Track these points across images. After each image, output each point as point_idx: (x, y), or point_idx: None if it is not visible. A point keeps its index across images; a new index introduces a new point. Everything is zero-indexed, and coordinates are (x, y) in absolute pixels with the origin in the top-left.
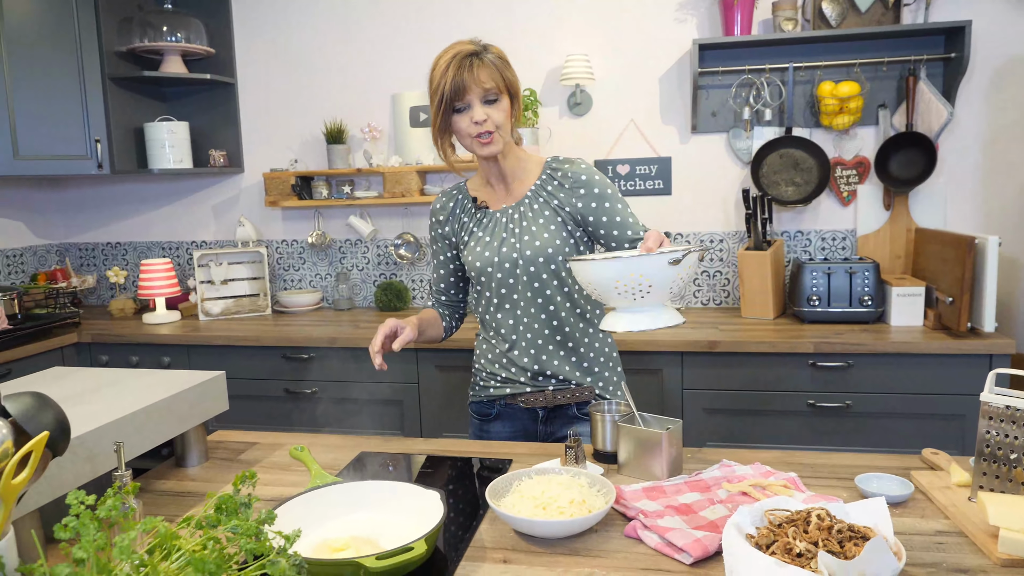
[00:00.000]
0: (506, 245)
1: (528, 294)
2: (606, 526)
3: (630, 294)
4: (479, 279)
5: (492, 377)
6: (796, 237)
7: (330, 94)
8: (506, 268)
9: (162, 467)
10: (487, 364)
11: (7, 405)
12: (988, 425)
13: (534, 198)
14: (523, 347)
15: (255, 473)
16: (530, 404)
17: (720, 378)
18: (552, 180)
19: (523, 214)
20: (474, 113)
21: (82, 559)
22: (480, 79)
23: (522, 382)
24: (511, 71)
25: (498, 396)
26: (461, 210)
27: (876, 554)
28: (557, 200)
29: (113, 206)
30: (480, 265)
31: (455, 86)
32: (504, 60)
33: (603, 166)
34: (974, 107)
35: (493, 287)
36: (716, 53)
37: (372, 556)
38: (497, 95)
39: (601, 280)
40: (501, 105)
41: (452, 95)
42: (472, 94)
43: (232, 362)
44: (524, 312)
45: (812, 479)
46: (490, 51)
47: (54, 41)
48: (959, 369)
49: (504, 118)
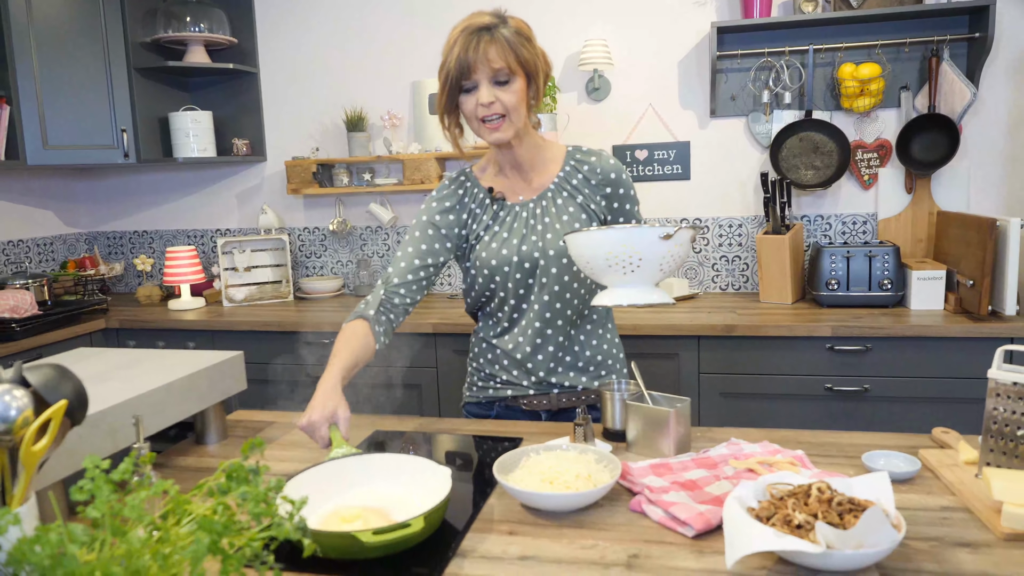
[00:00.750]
0: (527, 243)
1: (545, 297)
2: (612, 501)
3: (620, 268)
4: (492, 278)
5: (492, 378)
6: (816, 221)
7: (350, 82)
8: (526, 268)
9: (182, 444)
10: (487, 364)
11: (28, 376)
12: (996, 402)
13: (558, 192)
14: (528, 351)
15: (262, 441)
16: (532, 407)
17: (737, 362)
18: (577, 173)
19: (546, 209)
20: (481, 94)
21: (96, 519)
22: (489, 57)
23: (525, 385)
24: (530, 48)
25: (498, 397)
26: (471, 200)
27: (874, 524)
28: (582, 196)
29: (139, 195)
30: (496, 263)
31: (460, 64)
32: (523, 35)
33: (621, 151)
34: (998, 88)
35: (510, 287)
36: (735, 36)
37: (369, 531)
38: (509, 76)
39: (594, 252)
40: (513, 87)
41: (458, 73)
42: (479, 73)
43: (255, 347)
44: (539, 315)
45: (819, 457)
46: (508, 25)
47: (81, 33)
48: (980, 353)
49: (517, 101)
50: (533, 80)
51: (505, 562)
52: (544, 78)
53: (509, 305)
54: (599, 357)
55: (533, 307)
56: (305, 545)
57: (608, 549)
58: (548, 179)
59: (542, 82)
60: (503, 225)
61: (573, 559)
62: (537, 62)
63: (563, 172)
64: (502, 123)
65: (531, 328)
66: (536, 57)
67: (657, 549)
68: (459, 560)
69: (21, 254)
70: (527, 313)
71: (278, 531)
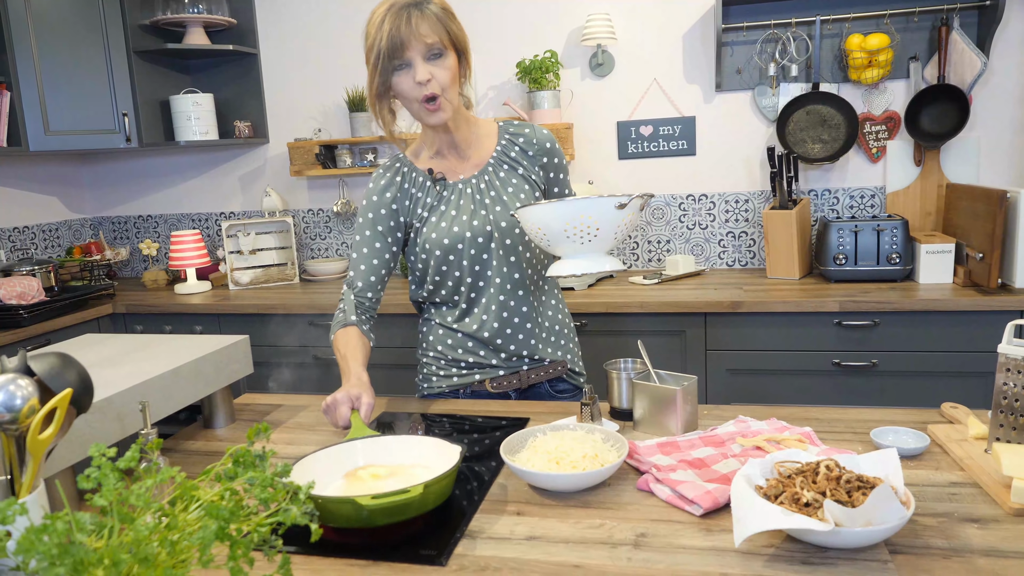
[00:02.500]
0: (477, 218)
1: (504, 269)
2: (619, 480)
3: (578, 238)
4: (446, 258)
5: (454, 364)
6: (823, 195)
7: (352, 62)
8: (479, 243)
9: (190, 428)
10: (447, 350)
11: (32, 364)
12: (1006, 377)
13: (498, 165)
14: (496, 327)
15: (268, 427)
16: (502, 388)
17: (744, 338)
18: (513, 146)
19: (489, 183)
20: (416, 72)
21: (103, 506)
22: (420, 32)
23: (494, 364)
24: (456, 23)
25: (463, 384)
26: (411, 185)
27: (882, 501)
28: (522, 167)
29: (143, 179)
30: (449, 242)
31: (392, 41)
32: (448, 11)
33: (626, 127)
34: (1009, 57)
35: (465, 265)
36: (740, 8)
37: (368, 496)
38: (442, 50)
39: (552, 223)
40: (446, 62)
41: (390, 51)
42: (412, 50)
43: (261, 330)
44: (499, 289)
45: (828, 434)
46: (431, 2)
47: (80, 17)
48: (989, 326)
49: (450, 79)
50: (464, 56)
51: (513, 542)
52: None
53: (466, 284)
54: (557, 327)
55: (494, 281)
56: (313, 530)
57: (615, 528)
58: (486, 155)
59: (469, 60)
60: (449, 204)
61: (581, 539)
62: (464, 38)
63: (500, 146)
64: (440, 103)
65: (494, 303)
66: (463, 33)
67: (665, 528)
68: (467, 541)
69: (27, 240)
70: (487, 289)
71: (285, 516)
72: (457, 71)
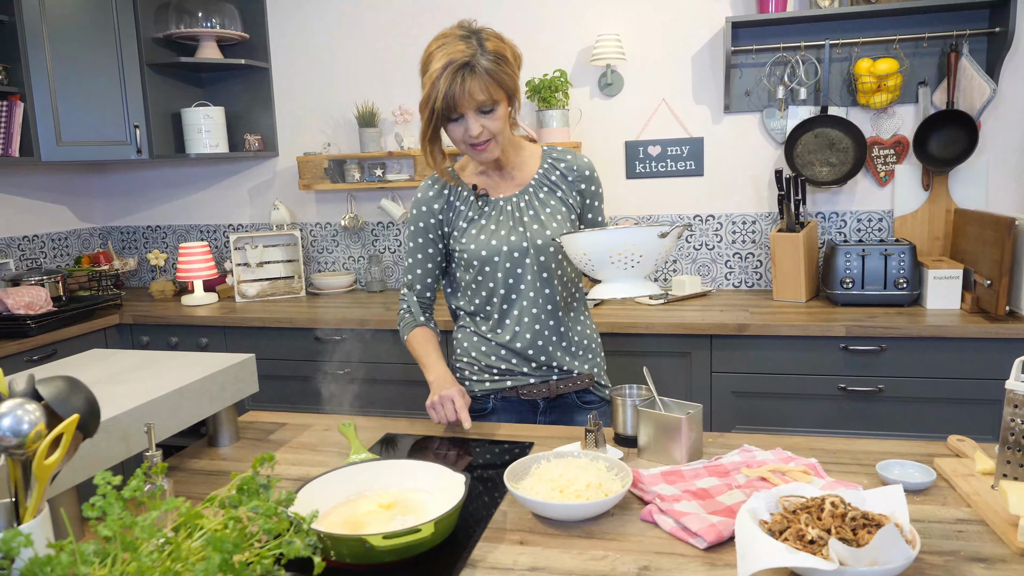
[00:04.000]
0: (515, 234)
1: (537, 284)
2: (623, 510)
3: (622, 264)
4: (482, 268)
5: (488, 371)
6: (831, 218)
7: (361, 77)
8: (515, 257)
9: (195, 446)
10: (481, 357)
11: (40, 389)
12: (1013, 413)
13: (539, 187)
14: (528, 339)
15: (273, 456)
16: (531, 396)
17: (749, 361)
18: (555, 170)
19: (529, 203)
20: (470, 127)
21: (108, 536)
22: (473, 93)
23: (525, 373)
24: (508, 69)
25: (495, 390)
26: (455, 197)
27: (888, 542)
28: (561, 191)
29: (153, 190)
30: (485, 254)
31: (447, 102)
32: (501, 59)
33: (634, 147)
34: (1018, 84)
35: (499, 277)
36: (750, 31)
37: (380, 535)
38: (492, 105)
39: (598, 250)
40: (497, 113)
41: (444, 110)
42: (465, 108)
43: (267, 343)
44: (532, 302)
45: (833, 465)
46: (485, 51)
47: (93, 29)
48: (997, 353)
49: (501, 125)
50: (514, 97)
51: (515, 573)
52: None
53: (499, 296)
54: (586, 341)
55: (527, 295)
56: (316, 563)
57: (618, 560)
58: (528, 176)
59: (520, 94)
60: (489, 218)
61: (583, 571)
62: (516, 79)
63: (542, 169)
64: (488, 145)
65: (527, 316)
66: (514, 75)
67: (668, 561)
68: (469, 570)
69: (36, 249)
70: (519, 303)
71: (288, 549)
72: (507, 115)
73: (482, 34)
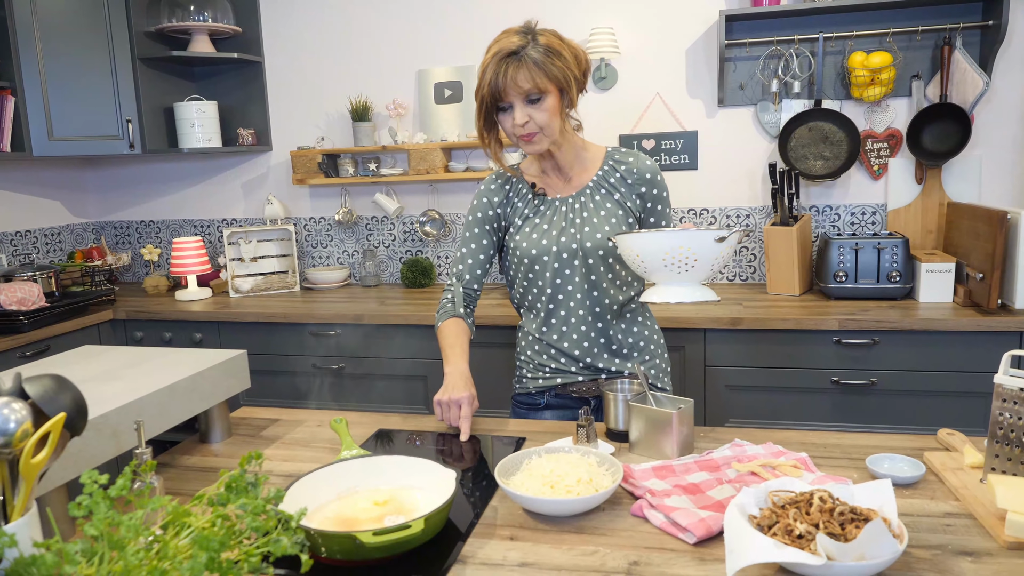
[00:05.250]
0: (565, 235)
1: (585, 286)
2: (614, 505)
3: (676, 267)
4: (532, 267)
5: (541, 368)
6: (825, 212)
7: (355, 71)
8: (563, 258)
9: (186, 443)
10: (535, 355)
11: (27, 388)
12: (1002, 407)
13: (596, 189)
14: (574, 339)
15: (260, 453)
16: (582, 393)
17: (743, 355)
18: (615, 172)
19: (584, 204)
20: (516, 116)
21: (95, 535)
22: (517, 82)
23: (574, 371)
24: (560, 62)
25: (548, 387)
26: (515, 193)
27: (875, 536)
28: (619, 193)
29: (146, 185)
30: (536, 253)
31: (492, 89)
32: (552, 51)
33: (628, 141)
34: (1012, 77)
35: (547, 277)
36: (744, 24)
37: (370, 532)
38: (539, 95)
39: (651, 252)
40: (545, 104)
41: (491, 98)
42: (511, 96)
43: (261, 338)
44: (579, 304)
45: (823, 459)
46: (537, 43)
47: (85, 23)
48: (989, 346)
49: (549, 117)
50: (566, 91)
51: (505, 568)
52: (579, 83)
53: (546, 295)
54: (641, 343)
55: (574, 296)
56: (303, 561)
57: (608, 556)
58: (587, 178)
59: (575, 90)
60: (543, 218)
61: (573, 566)
62: (568, 73)
63: (601, 171)
64: (536, 138)
65: (574, 317)
66: (567, 69)
67: (658, 556)
68: (459, 567)
69: (29, 244)
70: (565, 303)
71: (275, 547)
72: (558, 107)
73: (537, 30)
